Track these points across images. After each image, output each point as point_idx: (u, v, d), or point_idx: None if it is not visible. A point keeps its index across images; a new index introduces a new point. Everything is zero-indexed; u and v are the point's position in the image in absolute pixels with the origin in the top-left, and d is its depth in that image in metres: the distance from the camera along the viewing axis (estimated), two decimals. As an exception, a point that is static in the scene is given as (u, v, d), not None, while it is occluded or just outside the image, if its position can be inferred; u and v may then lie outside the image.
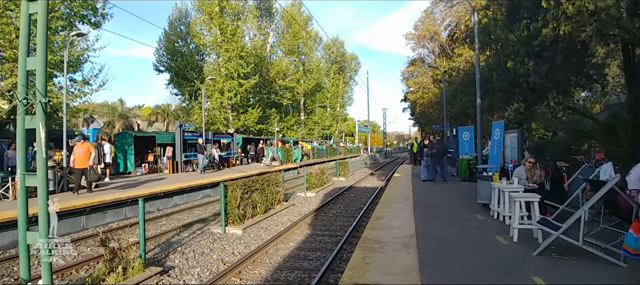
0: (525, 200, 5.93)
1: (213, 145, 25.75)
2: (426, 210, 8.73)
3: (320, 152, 38.36)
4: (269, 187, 12.69)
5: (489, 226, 6.97)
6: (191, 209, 13.77)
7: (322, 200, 14.97)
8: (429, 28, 33.33)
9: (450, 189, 12.63)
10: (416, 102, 39.17)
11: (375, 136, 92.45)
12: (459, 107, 19.97)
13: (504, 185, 7.03)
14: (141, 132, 28.82)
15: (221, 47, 31.41)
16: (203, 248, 8.81)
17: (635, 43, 7.36)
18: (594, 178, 6.78)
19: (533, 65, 9.65)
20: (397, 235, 6.32)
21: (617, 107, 8.13)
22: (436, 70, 30.82)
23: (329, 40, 56.23)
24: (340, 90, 58.09)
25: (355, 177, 25.00)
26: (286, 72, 42.23)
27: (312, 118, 49.75)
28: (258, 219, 11.29)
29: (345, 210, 13.12)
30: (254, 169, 23.16)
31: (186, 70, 34.41)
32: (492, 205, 7.66)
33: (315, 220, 11.57)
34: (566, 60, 9.53)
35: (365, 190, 17.96)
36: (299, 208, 13.59)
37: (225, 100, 31.81)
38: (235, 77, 31.47)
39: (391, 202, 9.94)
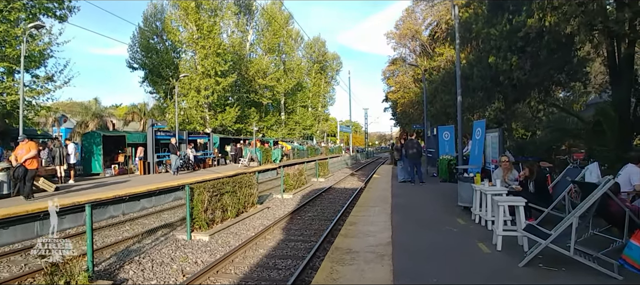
0: (510, 204, 5.44)
1: (188, 146, 24.85)
2: (404, 214, 8.22)
3: (301, 152, 37.71)
4: (241, 189, 12.03)
5: (470, 232, 6.48)
6: (159, 213, 13.00)
7: (299, 203, 14.37)
8: (410, 27, 33.06)
9: (430, 191, 12.18)
10: (397, 101, 38.90)
11: (358, 136, 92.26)
12: (440, 106, 19.65)
13: (486, 187, 6.56)
14: (110, 132, 27.73)
15: (197, 43, 30.47)
16: (164, 257, 8.11)
17: (621, 37, 7.03)
18: (579, 179, 6.37)
19: (516, 60, 9.26)
20: (372, 243, 5.76)
21: (603, 104, 7.77)
22: (417, 70, 30.57)
23: (310, 40, 55.67)
24: (321, 89, 57.50)
25: (335, 177, 24.47)
26: (266, 71, 41.44)
27: (293, 118, 49.02)
28: (228, 223, 10.62)
29: (322, 213, 12.54)
30: (231, 169, 22.40)
31: (161, 67, 33.31)
32: (474, 208, 7.19)
33: (289, 224, 10.95)
34: (551, 55, 9.19)
35: (345, 192, 17.43)
36: (274, 211, 12.96)
37: (201, 99, 30.86)
38: (212, 75, 30.55)
39: (368, 205, 9.40)
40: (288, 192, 16.43)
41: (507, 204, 5.43)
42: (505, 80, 10.90)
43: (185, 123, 32.35)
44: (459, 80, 10.04)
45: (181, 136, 25.52)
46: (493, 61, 9.89)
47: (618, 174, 5.79)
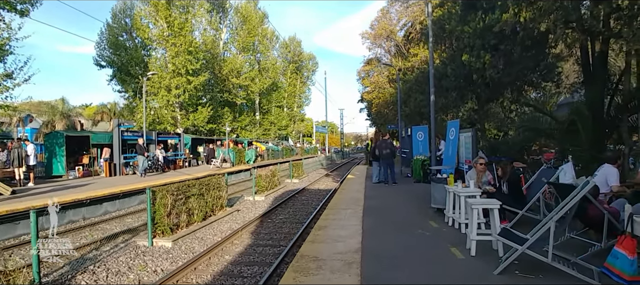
0: (484, 207, 5.18)
1: (157, 146, 24.02)
2: (376, 217, 7.90)
3: (276, 153, 37.16)
4: (209, 191, 11.50)
5: (443, 236, 6.20)
6: (123, 217, 12.36)
7: (271, 205, 13.93)
8: (385, 27, 33.03)
9: (404, 192, 11.93)
10: (372, 102, 38.87)
11: (334, 137, 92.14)
12: (414, 106, 19.56)
13: (460, 189, 6.30)
14: (74, 132, 26.52)
15: (168, 41, 29.49)
16: (121, 265, 7.56)
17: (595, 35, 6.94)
18: (554, 180, 6.20)
19: (489, 59, 9.10)
20: (340, 249, 5.40)
21: (577, 104, 7.69)
22: (392, 70, 30.55)
23: (286, 39, 55.13)
24: (297, 90, 56.97)
25: (310, 178, 24.09)
26: (240, 70, 40.63)
27: (268, 118, 48.30)
28: (194, 227, 10.09)
29: (293, 215, 12.15)
30: (203, 171, 21.70)
31: (130, 65, 32.11)
32: (447, 210, 6.93)
33: (259, 228, 10.51)
34: (524, 53, 9.09)
35: (318, 193, 17.07)
36: (244, 214, 12.48)
37: (172, 98, 29.88)
38: (183, 73, 29.62)
39: (339, 208, 9.04)
40: (260, 194, 15.96)
41: (481, 207, 5.17)
42: (478, 79, 10.78)
43: (156, 123, 31.29)
44: (432, 79, 9.81)
45: (150, 136, 24.63)
46: (466, 59, 9.73)
47: (594, 174, 5.63)
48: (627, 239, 3.33)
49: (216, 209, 11.86)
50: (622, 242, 3.38)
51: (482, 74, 9.88)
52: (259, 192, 16.47)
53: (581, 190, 3.93)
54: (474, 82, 11.47)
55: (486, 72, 9.34)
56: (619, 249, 3.37)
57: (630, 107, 7.15)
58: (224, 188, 12.40)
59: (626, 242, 3.32)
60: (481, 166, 6.84)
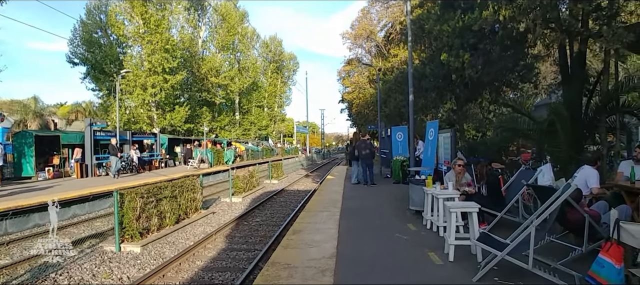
0: (462, 210, 5.00)
1: (131, 147, 23.27)
2: (353, 220, 7.67)
3: (256, 153, 36.64)
4: (183, 194, 11.09)
5: (421, 240, 5.99)
6: (92, 221, 11.83)
7: (248, 207, 13.59)
8: (365, 27, 32.95)
9: (382, 193, 11.75)
10: (353, 102, 38.78)
11: (314, 137, 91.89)
12: (393, 107, 19.48)
13: (438, 191, 6.13)
14: (44, 131, 25.52)
15: (144, 38, 28.70)
16: (84, 273, 7.14)
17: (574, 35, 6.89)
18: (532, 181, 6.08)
19: (468, 58, 9.00)
20: (314, 255, 5.14)
21: (556, 104, 7.63)
22: (372, 70, 30.52)
23: (267, 39, 54.62)
24: (278, 90, 56.50)
25: (289, 179, 23.79)
26: (219, 69, 39.96)
27: (248, 118, 47.66)
28: (166, 231, 9.68)
29: (271, 217, 11.84)
30: (179, 172, 21.14)
31: (105, 63, 31.12)
32: (425, 213, 6.75)
33: (234, 231, 10.17)
34: (503, 52, 9.02)
35: (297, 194, 16.80)
36: (220, 216, 12.10)
37: (148, 97, 29.08)
38: (160, 71, 28.87)
39: (317, 210, 8.79)
40: (237, 196, 15.58)
41: (459, 210, 4.98)
42: (457, 79, 10.67)
43: (131, 123, 30.44)
44: (410, 78, 9.64)
45: (124, 136, 23.88)
46: (445, 58, 9.60)
47: (573, 175, 5.54)
48: (613, 247, 3.17)
49: (190, 212, 11.46)
50: (607, 249, 3.22)
51: (461, 73, 9.76)
52: (237, 193, 16.09)
53: (562, 194, 3.77)
54: (453, 82, 11.38)
55: (465, 71, 9.21)
56: (605, 256, 3.21)
57: (608, 108, 7.14)
58: (199, 190, 12.00)
59: (612, 249, 3.16)
60: (459, 167, 6.69)
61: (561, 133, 6.77)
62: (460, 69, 9.43)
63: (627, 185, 5.25)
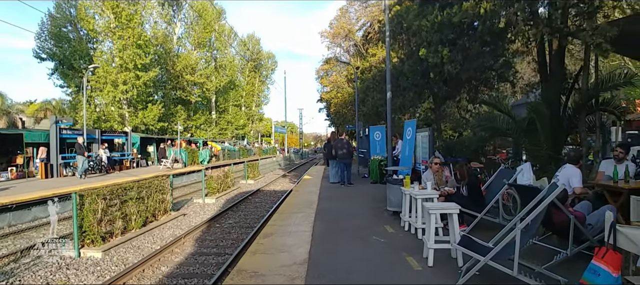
0: (442, 212, 4.71)
1: (101, 146, 22.34)
2: (328, 222, 7.30)
3: (232, 153, 35.90)
4: (151, 195, 10.53)
5: (399, 242, 5.68)
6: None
7: (221, 208, 13.10)
8: (343, 26, 32.68)
9: (359, 193, 11.45)
10: (331, 101, 38.49)
11: (293, 137, 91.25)
12: (371, 106, 19.24)
13: (416, 191, 5.85)
14: (5, 129, 24.27)
15: (115, 33, 27.65)
16: (38, 280, 6.60)
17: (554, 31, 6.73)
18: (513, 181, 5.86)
19: (447, 53, 8.76)
20: (285, 262, 4.76)
21: (535, 103, 7.47)
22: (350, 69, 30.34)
23: (245, 37, 53.82)
24: (256, 89, 55.67)
25: (266, 179, 23.31)
26: (195, 67, 39.00)
27: (225, 117, 46.76)
28: (131, 235, 9.14)
29: (244, 219, 11.39)
30: (152, 172, 20.40)
31: (73, 58, 29.82)
32: (403, 214, 6.46)
33: (205, 234, 9.69)
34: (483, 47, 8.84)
35: (273, 194, 16.37)
36: (190, 218, 11.58)
37: (119, 94, 28.03)
38: (132, 68, 27.86)
39: (291, 211, 8.40)
40: (211, 197, 15.05)
41: (438, 212, 4.69)
42: (436, 76, 10.44)
43: (102, 121, 29.32)
44: (389, 75, 9.37)
45: (93, 135, 22.93)
46: (424, 54, 9.35)
47: (555, 175, 5.34)
48: (609, 253, 2.91)
49: (159, 214, 10.91)
50: (602, 255, 2.95)
51: (440, 69, 9.52)
52: (210, 194, 15.57)
53: (548, 195, 3.52)
54: (432, 80, 11.15)
55: (444, 67, 8.97)
56: (600, 263, 2.95)
57: (588, 106, 7.04)
58: (168, 191, 11.45)
59: (609, 256, 2.90)
60: (436, 166, 6.44)
61: (541, 132, 6.62)
62: (439, 65, 9.18)
63: (609, 185, 5.10)
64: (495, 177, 6.19)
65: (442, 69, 9.20)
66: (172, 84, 36.71)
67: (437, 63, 8.98)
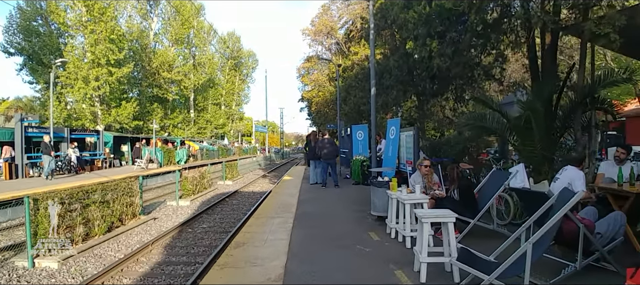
0: (436, 220, 4.17)
1: (70, 145, 21.24)
2: (308, 228, 6.70)
3: (211, 152, 34.93)
4: (118, 198, 9.76)
5: (386, 252, 5.12)
6: (14, 229, 10.31)
7: (196, 211, 12.39)
8: (325, 23, 32.18)
9: (342, 196, 10.84)
10: (312, 100, 37.94)
11: (274, 136, 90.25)
12: (353, 104, 18.77)
13: (404, 195, 5.32)
14: (-35, 128, 22.87)
15: (87, 27, 26.40)
16: (-17, 296, 5.82)
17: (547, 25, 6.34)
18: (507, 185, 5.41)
19: (436, 46, 8.26)
20: (256, 277, 4.16)
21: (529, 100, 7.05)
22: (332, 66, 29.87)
23: (225, 34, 52.75)
24: (236, 87, 54.63)
25: (245, 180, 22.58)
26: (172, 64, 37.80)
27: (204, 116, 45.59)
28: (94, 242, 8.38)
29: (219, 223, 10.71)
30: (125, 172, 19.49)
31: (43, 53, 28.37)
32: (389, 220, 5.92)
33: (175, 240, 8.99)
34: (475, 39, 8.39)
35: (251, 196, 15.69)
36: (162, 223, 10.85)
37: (90, 91, 26.78)
38: (104, 63, 26.64)
39: (268, 215, 7.78)
40: (185, 198, 14.30)
41: (432, 220, 4.15)
42: (423, 71, 9.97)
43: (73, 119, 28.01)
44: (373, 69, 8.85)
45: (61, 133, 21.81)
46: (411, 47, 8.85)
47: (555, 177, 4.91)
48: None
49: (126, 218, 10.13)
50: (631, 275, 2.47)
51: (428, 64, 9.02)
52: (185, 196, 14.81)
53: (562, 203, 3.04)
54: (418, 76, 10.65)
55: (433, 61, 8.46)
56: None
57: (585, 103, 6.65)
58: (137, 193, 10.68)
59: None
60: (426, 168, 5.93)
61: (536, 131, 6.21)
62: (427, 59, 8.68)
63: (614, 188, 4.69)
64: (488, 179, 5.72)
65: (430, 63, 8.70)
66: (149, 82, 35.46)
67: (424, 57, 8.49)
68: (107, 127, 29.24)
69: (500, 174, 5.72)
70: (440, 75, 9.63)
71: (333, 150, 12.70)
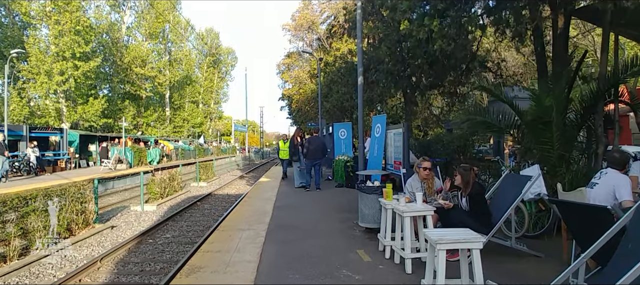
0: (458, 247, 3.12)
1: (29, 144, 19.56)
2: (283, 243, 5.55)
3: (187, 152, 33.34)
4: (67, 205, 8.50)
5: (381, 279, 4.08)
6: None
7: (162, 217, 11.17)
8: (307, 17, 31.06)
9: (323, 201, 9.67)
10: (293, 98, 36.77)
11: (255, 136, 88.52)
12: (336, 100, 17.72)
13: (402, 205, 4.29)
14: None
15: (50, 17, 24.62)
16: None
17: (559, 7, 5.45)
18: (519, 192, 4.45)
19: (437, 24, 7.13)
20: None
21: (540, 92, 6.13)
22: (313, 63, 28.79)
23: (203, 30, 51.04)
24: (214, 85, 52.85)
25: (221, 181, 21.33)
26: (146, 59, 36.02)
27: (180, 114, 43.82)
28: (32, 258, 7.12)
29: (185, 232, 9.53)
30: (92, 173, 18.03)
31: (4, 46, 26.40)
32: (383, 235, 4.87)
33: (131, 255, 7.80)
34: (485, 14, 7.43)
35: (226, 200, 14.50)
36: (119, 232, 9.60)
37: (54, 86, 24.97)
38: (69, 56, 24.89)
39: (237, 227, 6.63)
40: (152, 203, 13.08)
41: (454, 246, 3.10)
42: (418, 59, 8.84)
43: (36, 116, 26.16)
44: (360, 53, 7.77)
45: (20, 131, 20.08)
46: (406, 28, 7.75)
47: (592, 183, 3.96)
48: None
49: (77, 228, 8.85)
50: None
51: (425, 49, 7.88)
52: (152, 200, 13.56)
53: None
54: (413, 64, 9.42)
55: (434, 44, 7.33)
56: None
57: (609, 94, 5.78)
58: (91, 199, 9.41)
59: None
60: (426, 171, 4.93)
61: (555, 127, 5.29)
62: (424, 43, 7.58)
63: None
64: (501, 185, 4.76)
65: (428, 47, 7.59)
66: (120, 77, 33.62)
67: (421, 40, 7.39)
68: (74, 125, 27.45)
69: (515, 179, 4.75)
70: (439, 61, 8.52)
71: (319, 149, 11.51)
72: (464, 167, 4.41)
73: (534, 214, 5.34)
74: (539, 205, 5.36)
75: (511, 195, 4.35)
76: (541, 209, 5.35)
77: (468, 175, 4.32)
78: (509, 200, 4.32)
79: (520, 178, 4.65)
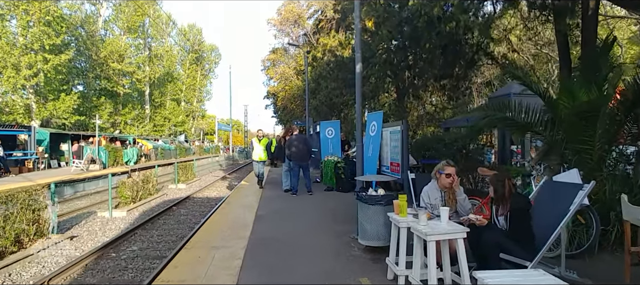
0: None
1: (-7, 143, 18.08)
2: (263, 268, 4.42)
3: (167, 152, 31.94)
4: (14, 214, 7.32)
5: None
6: None
7: (131, 225, 10.02)
8: (293, 10, 29.95)
9: (313, 208, 8.55)
10: (278, 95, 35.61)
11: (239, 135, 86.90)
12: (324, 96, 16.69)
13: (423, 225, 3.29)
14: None
15: (18, 7, 23.00)
16: None
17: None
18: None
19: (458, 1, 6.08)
20: None
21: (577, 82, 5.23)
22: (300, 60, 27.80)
23: (185, 26, 49.43)
24: (198, 82, 51.24)
25: (202, 183, 20.09)
26: (123, 54, 34.39)
27: (161, 112, 42.20)
28: (-35, 279, 5.92)
29: (155, 243, 8.41)
30: (61, 174, 16.72)
31: (-31, 38, 24.74)
32: (394, 261, 3.81)
33: (87, 273, 6.66)
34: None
35: (204, 204, 13.35)
36: (80, 243, 8.44)
37: (21, 80, 23.36)
38: (38, 49, 23.31)
39: (209, 244, 5.48)
40: (122, 208, 11.90)
41: None
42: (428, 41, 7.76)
43: (2, 113, 24.49)
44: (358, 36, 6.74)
45: (-18, 129, 18.56)
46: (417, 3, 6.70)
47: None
48: None
49: (27, 240, 7.65)
50: None
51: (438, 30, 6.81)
52: (122, 204, 12.35)
53: None
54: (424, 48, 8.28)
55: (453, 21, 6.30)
56: None
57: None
58: (44, 207, 8.20)
59: None
60: (449, 178, 3.92)
61: (599, 126, 4.38)
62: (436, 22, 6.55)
63: None
64: (541, 196, 3.82)
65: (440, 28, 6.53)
66: (96, 73, 31.96)
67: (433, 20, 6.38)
68: (45, 122, 25.83)
69: (558, 188, 3.80)
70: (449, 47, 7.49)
71: (303, 149, 10.37)
72: (497, 177, 3.44)
73: (570, 229, 4.41)
74: (578, 219, 4.44)
75: (557, 210, 3.40)
76: (581, 223, 4.43)
77: (503, 188, 3.35)
78: (554, 216, 3.37)
79: (565, 187, 3.70)
